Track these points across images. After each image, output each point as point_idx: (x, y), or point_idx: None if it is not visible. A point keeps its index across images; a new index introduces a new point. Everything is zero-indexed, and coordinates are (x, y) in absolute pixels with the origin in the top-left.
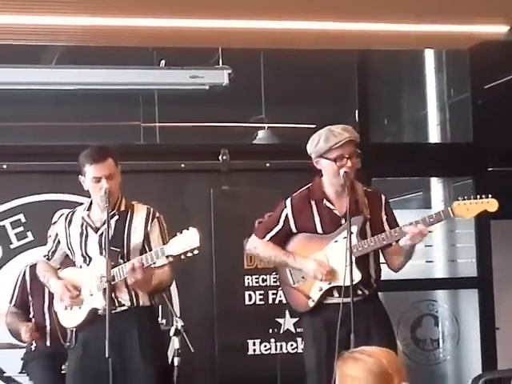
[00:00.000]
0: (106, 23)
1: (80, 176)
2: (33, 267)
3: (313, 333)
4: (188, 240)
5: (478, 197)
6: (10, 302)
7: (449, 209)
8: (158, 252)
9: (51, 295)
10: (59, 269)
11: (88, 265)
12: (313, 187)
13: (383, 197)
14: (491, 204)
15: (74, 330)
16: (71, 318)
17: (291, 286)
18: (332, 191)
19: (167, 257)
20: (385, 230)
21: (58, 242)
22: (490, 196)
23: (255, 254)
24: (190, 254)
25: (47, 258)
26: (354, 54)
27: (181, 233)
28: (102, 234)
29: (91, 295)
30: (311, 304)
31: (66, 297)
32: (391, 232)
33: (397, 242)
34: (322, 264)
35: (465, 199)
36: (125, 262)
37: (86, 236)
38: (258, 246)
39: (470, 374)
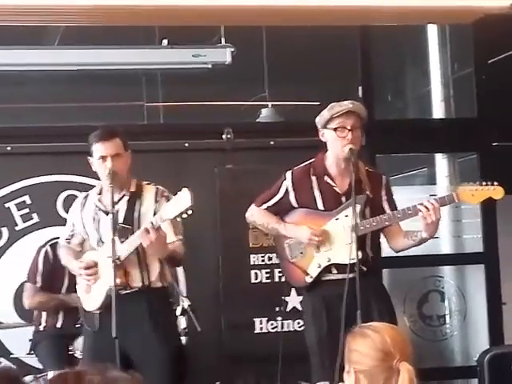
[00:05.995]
0: (108, 2)
1: (89, 157)
2: (53, 246)
3: (312, 309)
4: (181, 201)
5: (484, 183)
6: (35, 282)
7: (453, 194)
8: (157, 218)
9: (72, 278)
10: (80, 251)
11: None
12: (315, 162)
13: (384, 177)
14: (497, 192)
15: (99, 312)
16: (92, 301)
17: (289, 261)
18: (334, 167)
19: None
20: (384, 210)
21: (74, 226)
22: (495, 184)
23: (252, 222)
24: (184, 216)
25: (68, 242)
26: (356, 30)
27: (175, 194)
28: (114, 215)
29: (108, 274)
30: (309, 280)
31: (84, 275)
32: (394, 213)
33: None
34: (314, 229)
35: (470, 184)
36: None
37: (99, 221)
38: (254, 214)
39: (477, 349)
